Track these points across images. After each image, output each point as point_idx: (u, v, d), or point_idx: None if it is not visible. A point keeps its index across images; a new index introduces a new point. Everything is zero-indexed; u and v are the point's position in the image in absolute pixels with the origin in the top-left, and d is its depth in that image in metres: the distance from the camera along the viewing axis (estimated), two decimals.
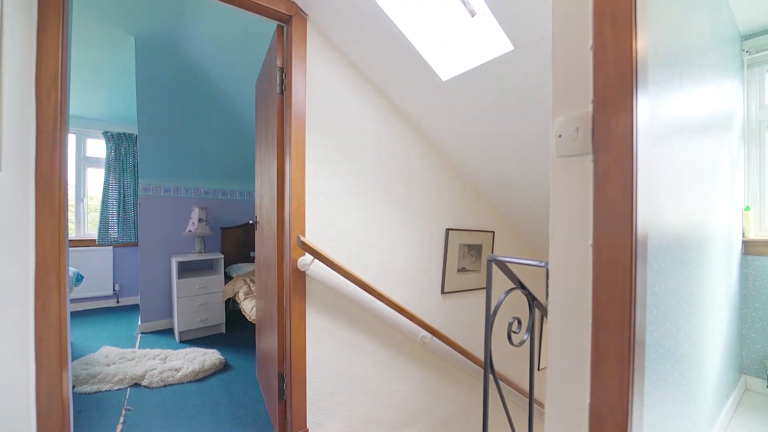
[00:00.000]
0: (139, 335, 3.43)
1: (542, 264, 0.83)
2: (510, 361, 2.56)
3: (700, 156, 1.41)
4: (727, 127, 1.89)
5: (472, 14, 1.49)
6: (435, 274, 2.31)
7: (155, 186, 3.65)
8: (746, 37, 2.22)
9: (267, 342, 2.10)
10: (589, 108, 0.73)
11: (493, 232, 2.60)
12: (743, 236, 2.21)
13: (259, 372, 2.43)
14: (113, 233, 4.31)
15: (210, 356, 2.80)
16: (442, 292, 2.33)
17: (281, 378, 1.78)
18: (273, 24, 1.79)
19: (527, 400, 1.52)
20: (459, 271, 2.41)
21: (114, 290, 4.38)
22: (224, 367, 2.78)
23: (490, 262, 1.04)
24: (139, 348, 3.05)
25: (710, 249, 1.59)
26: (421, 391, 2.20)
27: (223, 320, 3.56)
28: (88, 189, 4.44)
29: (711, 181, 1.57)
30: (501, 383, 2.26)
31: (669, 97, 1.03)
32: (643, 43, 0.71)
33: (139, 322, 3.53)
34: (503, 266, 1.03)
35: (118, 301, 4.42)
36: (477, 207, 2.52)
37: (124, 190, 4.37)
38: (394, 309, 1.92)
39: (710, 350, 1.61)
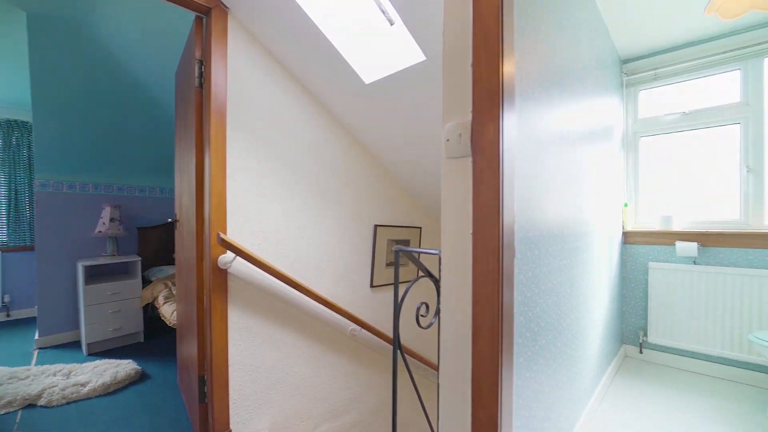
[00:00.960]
0: (37, 351, 3.02)
1: (437, 252, 0.94)
2: (433, 345, 2.74)
3: (581, 161, 1.65)
4: (609, 136, 2.24)
5: (391, 23, 1.58)
6: (364, 269, 2.39)
7: (56, 182, 3.24)
8: (625, 62, 2.64)
9: (188, 346, 2.00)
10: (469, 117, 0.85)
11: (420, 228, 2.76)
12: (623, 228, 2.63)
13: (181, 378, 2.30)
14: (2, 236, 3.73)
15: (124, 367, 2.57)
16: (371, 285, 2.43)
17: (202, 380, 1.72)
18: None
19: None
20: (387, 265, 2.53)
21: (3, 302, 3.79)
22: (141, 378, 2.57)
23: (397, 252, 1.14)
24: (35, 365, 2.69)
25: (592, 239, 1.88)
26: (351, 382, 2.27)
27: (141, 328, 3.29)
28: None
29: (592, 182, 1.84)
30: (416, 361, 2.43)
31: (546, 110, 1.21)
32: (509, 66, 0.84)
33: (36, 336, 3.11)
34: (410, 255, 1.13)
35: (8, 315, 3.83)
36: (404, 204, 2.65)
37: (15, 186, 3.80)
38: (322, 304, 1.96)
39: (593, 323, 1.90)
